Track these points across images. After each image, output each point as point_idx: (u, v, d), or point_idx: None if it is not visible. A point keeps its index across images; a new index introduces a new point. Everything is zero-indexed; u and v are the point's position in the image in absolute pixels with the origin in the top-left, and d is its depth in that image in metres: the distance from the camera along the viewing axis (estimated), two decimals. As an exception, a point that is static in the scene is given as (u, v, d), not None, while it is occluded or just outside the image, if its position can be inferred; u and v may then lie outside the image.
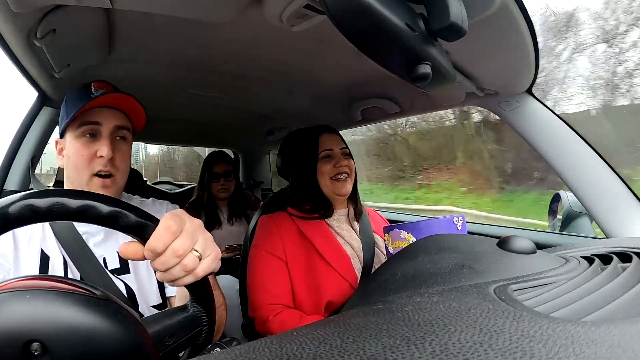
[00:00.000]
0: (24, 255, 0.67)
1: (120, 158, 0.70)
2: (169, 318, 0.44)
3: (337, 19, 0.37)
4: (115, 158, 0.69)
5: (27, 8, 0.61)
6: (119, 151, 0.70)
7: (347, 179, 0.99)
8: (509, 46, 0.73)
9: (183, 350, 0.45)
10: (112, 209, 0.38)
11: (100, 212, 0.37)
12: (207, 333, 0.47)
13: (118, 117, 0.70)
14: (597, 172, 0.89)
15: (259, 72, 1.06)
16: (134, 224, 0.39)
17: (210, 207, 1.82)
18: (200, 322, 0.45)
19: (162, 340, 0.42)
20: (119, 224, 0.38)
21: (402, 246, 0.79)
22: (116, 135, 0.70)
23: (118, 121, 0.70)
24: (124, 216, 0.38)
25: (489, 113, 1.05)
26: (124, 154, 0.71)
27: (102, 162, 0.67)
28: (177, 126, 1.90)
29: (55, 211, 0.36)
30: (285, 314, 0.89)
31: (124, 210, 0.38)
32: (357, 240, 1.00)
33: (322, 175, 0.99)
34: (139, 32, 0.80)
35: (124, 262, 0.72)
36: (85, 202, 0.37)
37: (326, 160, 0.99)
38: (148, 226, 0.39)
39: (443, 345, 0.23)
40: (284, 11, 0.64)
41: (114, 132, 0.70)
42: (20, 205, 0.34)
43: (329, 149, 1.00)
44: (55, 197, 0.36)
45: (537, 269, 0.39)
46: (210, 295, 0.46)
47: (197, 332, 0.45)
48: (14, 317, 0.33)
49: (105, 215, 0.37)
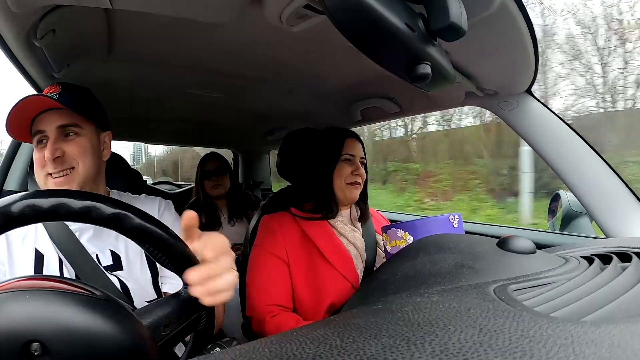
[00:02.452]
0: (18, 256, 0.68)
1: (73, 151, 0.71)
2: (162, 307, 0.43)
3: (337, 19, 0.37)
4: (66, 155, 0.71)
5: (26, 8, 0.61)
6: (70, 145, 0.71)
7: (359, 187, 1.01)
8: (509, 46, 0.73)
9: (183, 338, 0.44)
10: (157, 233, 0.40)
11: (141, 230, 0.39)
12: (207, 318, 0.46)
13: (61, 117, 0.71)
14: (596, 172, 0.89)
15: (259, 72, 1.06)
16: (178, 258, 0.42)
17: (209, 208, 1.82)
18: (197, 306, 0.43)
19: (157, 330, 0.41)
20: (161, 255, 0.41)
21: (400, 245, 0.80)
22: (64, 133, 0.72)
23: (60, 121, 0.71)
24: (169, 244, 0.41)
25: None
26: (77, 146, 0.72)
27: (50, 164, 0.69)
28: (177, 126, 1.90)
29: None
30: (283, 317, 0.89)
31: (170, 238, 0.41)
32: (360, 240, 1.00)
33: (339, 177, 0.99)
34: (139, 32, 0.80)
35: (117, 258, 0.73)
36: (118, 210, 0.38)
37: (347, 164, 1.00)
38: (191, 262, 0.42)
39: (443, 345, 0.23)
40: (284, 11, 0.64)
41: (59, 133, 0.71)
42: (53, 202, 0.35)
43: (352, 154, 1.01)
44: (89, 200, 0.37)
45: (537, 269, 0.39)
46: None
47: (195, 318, 0.44)
48: (13, 317, 0.33)
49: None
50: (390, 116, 1.37)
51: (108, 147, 0.81)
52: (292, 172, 1.11)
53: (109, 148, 0.82)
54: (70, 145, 0.72)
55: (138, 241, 0.40)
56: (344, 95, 1.26)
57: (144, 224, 0.39)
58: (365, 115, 1.39)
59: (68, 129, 0.72)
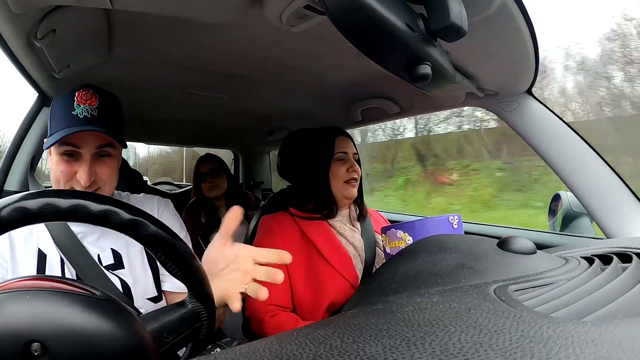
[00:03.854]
0: (21, 254, 0.69)
1: (104, 173, 0.71)
2: (167, 315, 0.43)
3: (337, 19, 0.37)
4: (97, 174, 0.70)
5: (27, 8, 0.61)
6: (102, 167, 0.70)
7: (356, 183, 1.01)
8: (509, 46, 0.73)
9: (183, 346, 0.45)
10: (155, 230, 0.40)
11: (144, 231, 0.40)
12: (208, 328, 0.46)
13: (99, 137, 0.69)
14: (597, 172, 0.89)
15: (259, 72, 1.06)
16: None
17: (208, 209, 1.82)
18: (200, 317, 0.45)
19: (161, 337, 0.42)
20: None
21: (399, 246, 0.80)
22: (99, 154, 0.71)
23: (99, 141, 0.70)
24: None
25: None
26: (108, 167, 0.71)
27: (80, 184, 0.68)
28: (177, 126, 1.90)
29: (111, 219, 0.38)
30: (282, 317, 0.89)
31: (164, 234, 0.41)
32: (359, 240, 1.00)
33: (335, 177, 0.99)
34: (139, 32, 0.80)
35: (118, 257, 0.74)
36: (135, 217, 0.38)
37: (340, 163, 1.00)
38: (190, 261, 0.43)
39: (443, 346, 0.23)
40: (284, 11, 0.64)
41: (95, 154, 0.70)
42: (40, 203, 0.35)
43: (344, 152, 1.01)
44: (108, 205, 0.38)
45: (537, 269, 0.39)
46: (208, 289, 0.46)
47: (196, 328, 0.45)
48: (14, 317, 0.33)
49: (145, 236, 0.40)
50: (390, 116, 1.37)
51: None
52: (291, 173, 1.11)
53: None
54: (102, 167, 0.71)
55: (152, 249, 0.41)
56: (344, 95, 1.26)
57: (160, 233, 0.40)
58: (365, 115, 1.39)
59: (104, 150, 0.71)
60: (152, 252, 0.42)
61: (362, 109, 1.33)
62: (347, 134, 1.06)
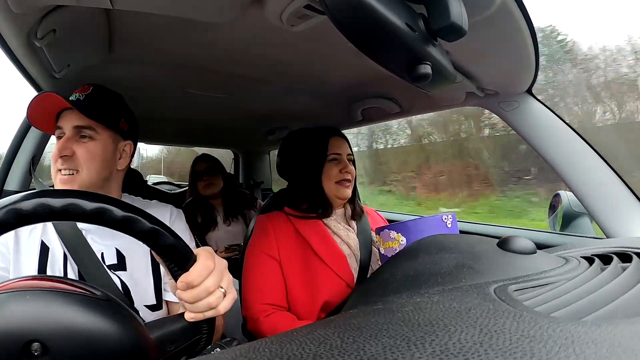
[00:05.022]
0: (24, 245, 0.70)
1: (82, 156, 0.72)
2: (172, 324, 0.44)
3: (337, 19, 0.37)
4: (77, 156, 0.72)
5: (27, 8, 0.61)
6: (80, 147, 0.73)
7: (349, 184, 1.00)
8: (509, 46, 0.73)
9: (184, 355, 0.46)
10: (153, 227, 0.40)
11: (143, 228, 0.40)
12: (206, 341, 0.47)
13: (79, 118, 0.73)
14: (597, 172, 0.89)
15: (259, 72, 1.06)
16: (177, 254, 0.42)
17: (205, 208, 1.82)
18: (200, 330, 0.46)
19: (164, 345, 0.42)
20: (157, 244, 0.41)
21: (393, 246, 0.79)
22: (79, 134, 0.73)
23: (77, 121, 0.73)
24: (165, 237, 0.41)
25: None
26: (87, 151, 0.73)
27: (59, 160, 0.71)
28: (177, 126, 1.90)
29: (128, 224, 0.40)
30: (278, 316, 0.89)
31: (164, 231, 0.41)
32: (354, 239, 1.00)
33: (327, 178, 0.99)
34: (139, 32, 0.80)
35: (121, 258, 0.73)
36: (129, 213, 0.39)
37: (334, 164, 1.00)
38: (189, 259, 0.43)
39: (443, 346, 0.23)
40: (284, 11, 0.64)
41: (74, 133, 0.73)
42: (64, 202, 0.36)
43: (338, 153, 1.01)
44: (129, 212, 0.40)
45: (537, 269, 0.39)
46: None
47: (196, 340, 0.46)
48: (14, 317, 0.33)
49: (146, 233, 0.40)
50: (390, 116, 1.37)
51: (127, 156, 0.81)
52: (287, 173, 1.12)
53: (127, 158, 0.81)
54: (81, 147, 0.73)
55: (148, 245, 0.41)
56: (345, 95, 1.26)
57: (156, 228, 0.40)
58: (365, 115, 1.39)
59: (83, 131, 0.73)
60: (151, 249, 0.42)
61: (362, 108, 1.33)
62: (342, 135, 1.06)
